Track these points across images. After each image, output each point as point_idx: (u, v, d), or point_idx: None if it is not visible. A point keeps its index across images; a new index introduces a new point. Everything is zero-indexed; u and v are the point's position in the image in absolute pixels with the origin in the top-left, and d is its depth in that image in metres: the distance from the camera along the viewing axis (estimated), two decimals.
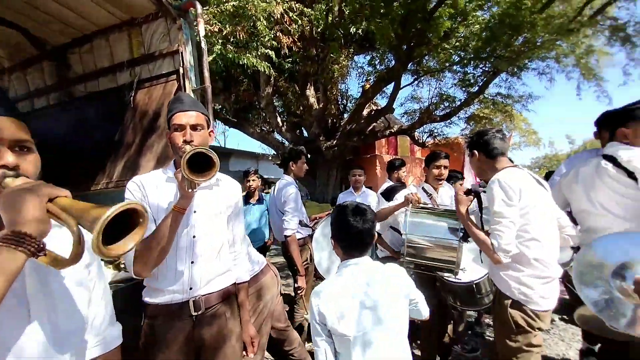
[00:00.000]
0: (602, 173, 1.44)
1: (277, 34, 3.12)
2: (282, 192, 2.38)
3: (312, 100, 7.21)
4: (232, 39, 2.67)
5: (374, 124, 9.43)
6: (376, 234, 1.23)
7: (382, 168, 9.10)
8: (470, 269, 1.84)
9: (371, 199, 3.05)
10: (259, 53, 2.91)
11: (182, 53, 1.49)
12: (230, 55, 2.63)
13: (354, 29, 5.80)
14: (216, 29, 2.52)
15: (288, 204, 2.32)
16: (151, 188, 1.09)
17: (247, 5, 2.41)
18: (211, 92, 1.54)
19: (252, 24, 2.59)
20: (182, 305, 1.09)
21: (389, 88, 7.44)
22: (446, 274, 1.81)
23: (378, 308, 1.08)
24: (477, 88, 6.23)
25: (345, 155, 9.28)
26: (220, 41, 2.53)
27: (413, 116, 8.74)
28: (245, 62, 2.71)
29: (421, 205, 1.94)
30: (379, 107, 8.81)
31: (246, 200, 3.04)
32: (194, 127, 1.08)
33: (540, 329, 1.41)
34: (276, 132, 7.85)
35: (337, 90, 7.19)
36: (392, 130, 8.44)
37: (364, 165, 9.27)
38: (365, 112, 8.40)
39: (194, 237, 1.11)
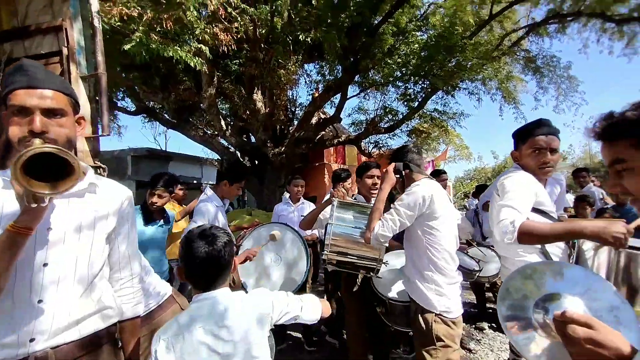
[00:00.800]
0: (494, 194, 1.53)
1: (214, 30, 2.87)
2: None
3: (260, 104, 6.97)
4: (157, 28, 2.36)
5: (323, 132, 9.50)
6: (234, 262, 1.05)
7: (330, 177, 9.15)
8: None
9: (307, 212, 2.94)
10: (191, 47, 2.63)
11: (66, 30, 1.20)
12: (154, 46, 2.30)
13: (303, 36, 5.78)
14: (135, 14, 2.19)
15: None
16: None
17: None
18: (106, 81, 1.26)
19: (180, 13, 2.32)
20: None
21: (337, 98, 7.56)
22: (369, 274, 1.78)
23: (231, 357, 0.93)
24: (417, 103, 6.61)
25: (294, 162, 9.15)
26: (141, 28, 2.21)
27: (360, 127, 8.98)
28: (172, 54, 2.41)
29: (347, 200, 1.92)
30: (328, 116, 8.90)
31: (147, 218, 2.40)
32: (49, 113, 0.76)
33: (456, 343, 1.43)
34: (220, 137, 7.41)
35: (284, 96, 7.06)
36: (340, 140, 8.56)
37: (312, 173, 9.27)
38: (314, 121, 8.41)
39: (44, 265, 0.78)
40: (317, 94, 8.16)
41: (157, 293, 1.33)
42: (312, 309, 1.18)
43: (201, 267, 0.95)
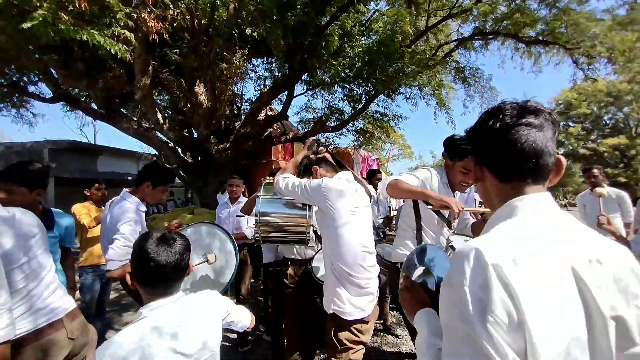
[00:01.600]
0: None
1: (143, 16, 2.63)
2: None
3: (202, 97, 6.61)
4: (69, 7, 2.08)
5: (270, 129, 9.38)
6: (191, 266, 1.09)
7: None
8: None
9: None
10: (113, 32, 2.37)
11: None
12: (63, 27, 2.01)
13: (250, 30, 5.62)
14: None
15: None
16: None
17: None
18: None
19: None
20: None
21: (285, 95, 7.52)
22: (297, 246, 1.99)
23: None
24: (361, 105, 6.89)
25: (240, 159, 8.88)
26: (46, 5, 1.91)
27: (308, 125, 9.05)
28: (88, 38, 2.13)
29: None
30: (276, 113, 8.81)
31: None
32: None
33: (362, 343, 1.56)
34: (157, 130, 6.87)
35: (229, 91, 6.80)
36: (288, 137, 8.53)
37: (260, 170, 9.09)
38: (261, 117, 8.25)
39: None
40: (264, 90, 8.02)
41: (50, 310, 1.20)
42: (246, 316, 1.28)
43: (158, 273, 0.94)
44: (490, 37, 6.36)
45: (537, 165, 0.64)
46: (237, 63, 6.34)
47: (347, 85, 7.09)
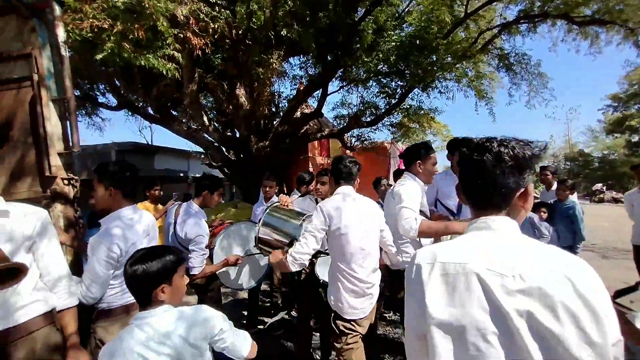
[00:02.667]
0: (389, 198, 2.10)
1: (187, 35, 2.98)
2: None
3: (242, 100, 7.05)
4: (130, 37, 2.47)
5: (307, 126, 9.64)
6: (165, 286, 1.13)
7: (314, 169, 9.36)
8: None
9: None
10: (164, 53, 2.74)
11: (36, 57, 1.34)
12: (126, 55, 2.41)
13: (285, 32, 5.86)
14: (106, 25, 2.29)
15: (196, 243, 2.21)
16: None
17: (142, 3, 2.24)
18: (74, 103, 1.42)
19: (151, 23, 2.43)
20: None
21: (320, 93, 7.69)
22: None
23: None
24: (395, 100, 6.82)
25: (278, 156, 9.29)
26: (112, 38, 2.31)
27: (343, 121, 9.14)
28: (145, 63, 2.53)
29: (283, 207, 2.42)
30: (312, 110, 9.03)
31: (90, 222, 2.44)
32: None
33: (357, 332, 1.79)
34: (203, 132, 7.49)
35: (266, 92, 7.14)
36: (324, 134, 8.73)
37: (297, 166, 9.43)
38: (298, 115, 8.54)
39: None
40: (301, 87, 8.26)
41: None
42: (244, 344, 1.25)
43: (130, 285, 1.08)
44: (538, 19, 5.87)
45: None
46: (274, 64, 6.65)
47: (382, 80, 7.04)
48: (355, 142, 8.69)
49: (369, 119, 8.28)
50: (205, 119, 6.99)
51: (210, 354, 1.17)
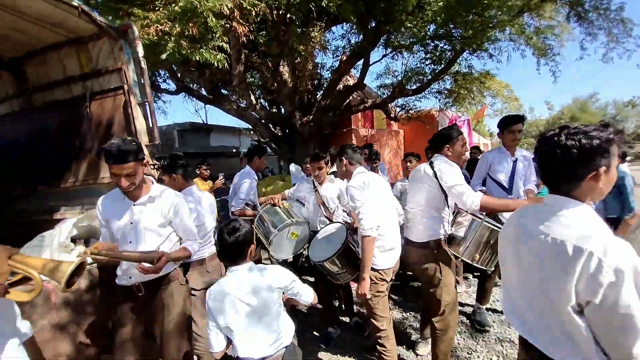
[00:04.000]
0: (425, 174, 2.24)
1: (233, 26, 3.23)
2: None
3: (286, 76, 7.27)
4: (186, 34, 2.80)
5: (350, 98, 9.58)
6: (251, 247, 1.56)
7: (358, 141, 9.41)
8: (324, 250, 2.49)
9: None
10: (214, 45, 3.05)
11: (124, 70, 1.72)
12: (184, 52, 2.78)
13: (325, 2, 5.80)
14: (167, 28, 2.64)
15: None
16: (106, 207, 1.66)
17: (194, 3, 2.53)
18: (153, 106, 1.79)
19: (203, 20, 2.71)
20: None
21: (361, 64, 7.54)
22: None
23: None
24: (441, 66, 6.44)
25: (322, 130, 9.50)
26: (172, 39, 2.67)
27: (388, 90, 8.90)
28: (199, 58, 2.87)
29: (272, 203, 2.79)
30: (356, 81, 8.92)
31: None
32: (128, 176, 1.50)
33: (385, 280, 2.16)
34: (251, 110, 7.95)
35: (309, 67, 7.23)
36: (367, 105, 8.64)
37: (341, 139, 9.56)
38: (341, 87, 8.54)
39: (130, 242, 1.67)
40: (344, 58, 8.16)
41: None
42: (308, 292, 1.64)
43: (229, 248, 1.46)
44: None
45: None
46: (316, 37, 6.66)
47: (427, 45, 6.65)
48: (400, 111, 8.47)
49: (414, 87, 7.95)
50: (252, 97, 7.40)
51: (281, 300, 1.56)
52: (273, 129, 9.29)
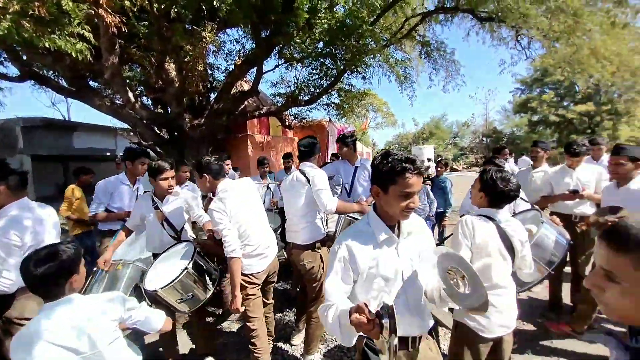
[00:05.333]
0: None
1: (100, 13, 2.84)
2: None
3: (173, 74, 6.71)
4: (30, 12, 2.30)
5: (245, 103, 9.53)
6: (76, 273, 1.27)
7: (253, 148, 9.42)
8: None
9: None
10: (72, 31, 2.61)
11: None
12: (27, 35, 2.25)
13: (217, 3, 5.63)
14: (1, 3, 2.11)
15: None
16: None
17: None
18: None
19: (54, 1, 2.29)
20: None
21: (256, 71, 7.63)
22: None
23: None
24: (327, 82, 7.17)
25: (216, 134, 9.12)
26: (9, 16, 2.14)
27: (282, 98, 9.25)
28: (49, 45, 2.38)
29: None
30: (249, 87, 8.92)
31: None
32: None
33: (255, 284, 2.28)
34: (129, 109, 7.00)
35: (198, 68, 6.88)
36: (262, 112, 8.76)
37: (235, 144, 9.38)
38: (235, 92, 8.40)
39: None
40: (239, 62, 8.08)
41: None
42: (156, 319, 1.46)
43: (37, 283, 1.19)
44: (450, 13, 6.59)
45: None
46: (207, 38, 6.39)
47: (316, 61, 7.26)
48: (293, 120, 8.93)
49: (306, 98, 8.53)
50: (130, 95, 6.53)
51: (120, 332, 1.33)
52: (158, 131, 8.39)
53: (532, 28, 5.17)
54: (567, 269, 3.39)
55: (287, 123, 8.87)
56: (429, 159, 14.63)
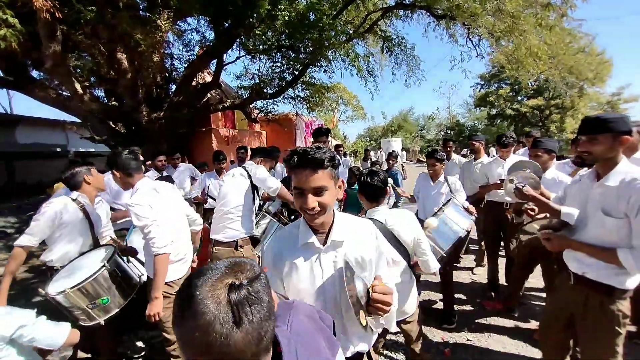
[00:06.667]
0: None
1: None
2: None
3: (126, 64, 6.33)
4: None
5: (209, 96, 9.21)
6: None
7: (218, 142, 9.18)
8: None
9: None
10: None
11: None
12: None
13: None
14: None
15: None
16: None
17: None
18: None
19: None
20: None
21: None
22: None
23: None
24: (292, 73, 7.11)
25: (177, 128, 8.77)
26: None
27: (247, 91, 9.05)
28: None
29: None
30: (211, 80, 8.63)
31: None
32: None
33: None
34: (77, 102, 6.51)
35: (155, 58, 6.54)
36: (226, 105, 8.53)
37: (199, 139, 9.07)
38: (196, 83, 8.10)
39: None
40: (200, 53, 7.77)
41: None
42: (57, 334, 1.31)
43: None
44: (409, 9, 6.77)
45: None
46: (163, 26, 6.06)
47: (278, 53, 7.17)
48: (259, 114, 8.79)
49: (271, 91, 8.41)
50: (77, 86, 6.07)
51: (15, 350, 1.19)
52: (113, 125, 7.91)
53: (480, 27, 5.49)
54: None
55: (252, 116, 8.72)
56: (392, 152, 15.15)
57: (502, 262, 3.76)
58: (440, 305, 3.27)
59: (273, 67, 7.20)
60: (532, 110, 23.47)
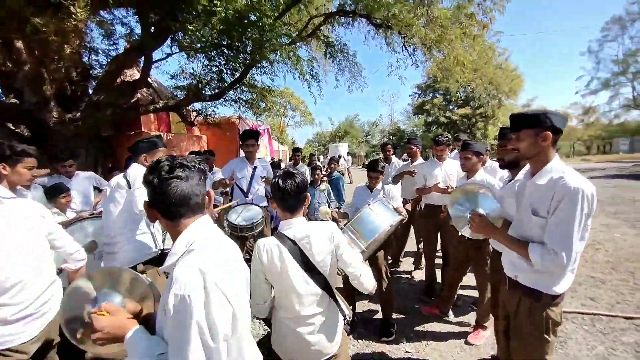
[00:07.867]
0: None
1: None
2: None
3: (25, 56, 5.36)
4: None
5: (139, 96, 8.32)
6: None
7: None
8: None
9: None
10: None
11: None
12: None
13: None
14: None
15: None
16: None
17: None
18: None
19: None
20: None
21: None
22: None
23: None
24: (236, 75, 6.74)
25: (102, 130, 7.74)
26: None
27: (183, 92, 8.36)
28: None
29: None
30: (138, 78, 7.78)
31: None
32: None
33: None
34: None
35: (68, 50, 5.65)
36: (158, 106, 7.75)
37: (127, 143, 8.09)
38: (119, 81, 7.23)
39: None
40: (128, 47, 6.94)
41: None
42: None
43: None
44: (350, 16, 6.91)
45: (189, 205, 0.96)
46: (79, 14, 5.24)
47: (217, 51, 6.73)
48: (196, 117, 8.17)
49: (210, 93, 7.87)
50: None
51: None
52: (13, 127, 6.67)
53: (415, 35, 5.79)
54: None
55: (189, 119, 8.06)
56: (339, 156, 15.32)
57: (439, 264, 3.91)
58: (380, 315, 3.20)
59: (211, 67, 6.73)
60: (462, 119, 26.03)
